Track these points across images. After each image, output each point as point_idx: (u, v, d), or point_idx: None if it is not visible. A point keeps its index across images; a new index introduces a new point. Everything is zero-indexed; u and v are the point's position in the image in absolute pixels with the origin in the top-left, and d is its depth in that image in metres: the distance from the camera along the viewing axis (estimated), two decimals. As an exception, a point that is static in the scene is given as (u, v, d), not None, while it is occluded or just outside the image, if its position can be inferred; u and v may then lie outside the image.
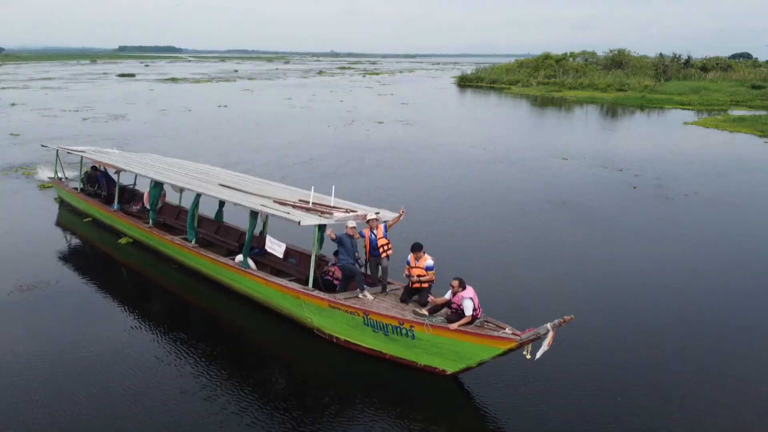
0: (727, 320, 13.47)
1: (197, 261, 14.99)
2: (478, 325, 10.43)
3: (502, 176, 28.18)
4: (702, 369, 11.44)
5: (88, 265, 16.61)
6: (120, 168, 18.01)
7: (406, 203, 22.87)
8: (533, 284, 15.20)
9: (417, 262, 11.64)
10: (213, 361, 11.40)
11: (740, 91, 73.15)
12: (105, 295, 14.34)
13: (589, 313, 13.32)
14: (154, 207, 16.96)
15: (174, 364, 11.22)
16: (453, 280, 10.61)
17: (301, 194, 14.73)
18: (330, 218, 12.53)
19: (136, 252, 17.08)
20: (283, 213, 12.71)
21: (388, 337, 11.10)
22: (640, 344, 12.24)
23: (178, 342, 12.13)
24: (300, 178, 26.34)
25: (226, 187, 15.45)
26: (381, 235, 12.39)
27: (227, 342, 12.40)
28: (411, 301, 11.60)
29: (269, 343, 12.67)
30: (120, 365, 11.00)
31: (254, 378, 10.95)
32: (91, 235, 18.78)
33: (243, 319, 13.49)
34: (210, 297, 14.44)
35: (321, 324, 12.10)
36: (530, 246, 18.19)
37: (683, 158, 33.43)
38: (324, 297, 11.82)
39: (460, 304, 10.47)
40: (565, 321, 9.52)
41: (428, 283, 11.58)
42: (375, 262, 12.56)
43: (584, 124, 50.62)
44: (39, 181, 24.72)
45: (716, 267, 16.84)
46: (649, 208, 22.82)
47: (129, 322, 12.90)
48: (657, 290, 15.06)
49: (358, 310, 11.33)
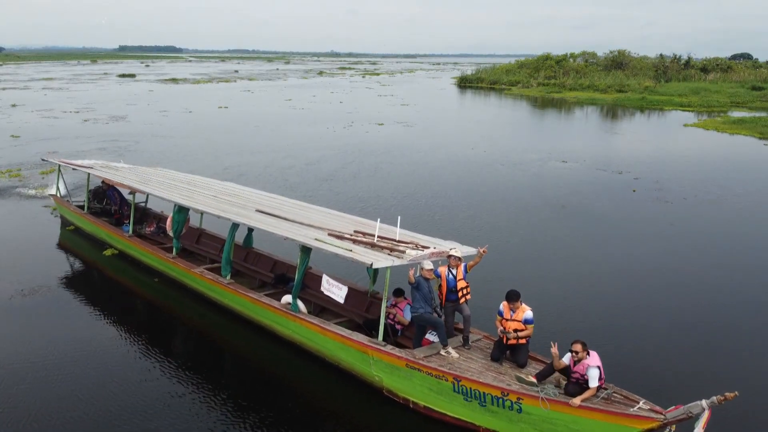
0: (736, 322, 13.51)
1: (233, 299, 12.94)
2: (604, 398, 8.69)
3: (502, 178, 28.19)
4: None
5: (96, 295, 14.46)
6: (135, 189, 15.89)
7: (406, 203, 23.08)
8: (534, 285, 15.22)
9: (513, 313, 9.92)
10: (260, 418, 9.73)
11: (740, 93, 73.17)
12: (125, 337, 12.33)
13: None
14: (178, 235, 14.64)
15: (213, 423, 9.61)
16: (575, 344, 8.92)
17: (350, 221, 12.96)
18: (403, 258, 10.54)
19: (155, 283, 14.96)
20: (344, 251, 10.72)
21: (485, 408, 9.30)
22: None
23: (214, 392, 10.42)
24: (301, 181, 26.41)
25: (265, 213, 13.44)
26: (461, 276, 10.63)
27: (275, 396, 10.40)
28: (505, 360, 9.93)
29: (327, 401, 10.60)
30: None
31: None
32: (100, 261, 16.63)
33: (292, 370, 11.40)
34: (249, 340, 12.40)
35: (394, 385, 10.19)
36: (530, 246, 18.22)
37: (683, 161, 33.45)
38: (401, 355, 9.92)
39: (585, 373, 8.79)
40: (726, 398, 7.57)
41: (526, 339, 9.90)
42: (452, 307, 10.71)
43: (584, 126, 50.62)
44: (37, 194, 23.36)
45: (717, 268, 16.88)
46: (649, 210, 22.84)
47: (156, 370, 11.04)
48: (664, 296, 15.08)
49: (446, 374, 9.46)
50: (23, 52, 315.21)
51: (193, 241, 16.69)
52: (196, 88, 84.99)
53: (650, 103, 65.91)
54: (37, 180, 25.64)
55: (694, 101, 66.60)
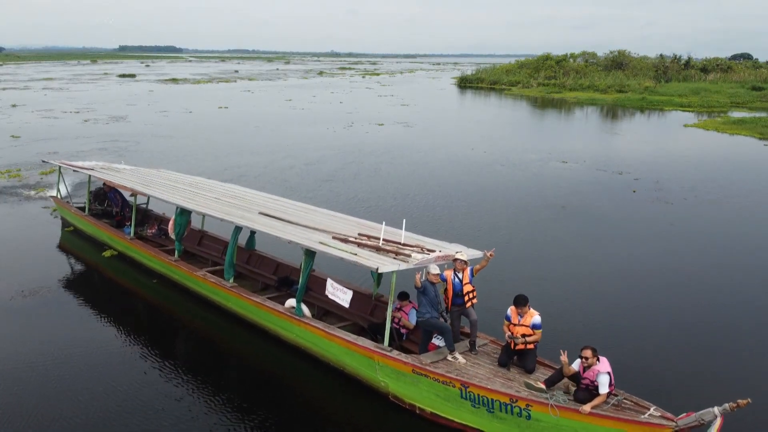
0: (736, 322, 13.52)
1: (236, 303, 12.87)
2: (615, 404, 8.56)
3: (502, 179, 28.19)
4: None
5: (98, 298, 14.33)
6: (137, 191, 15.78)
7: (406, 204, 23.07)
8: (534, 285, 15.21)
9: (521, 318, 9.80)
10: (263, 423, 9.65)
11: (740, 93, 73.18)
12: (127, 340, 12.19)
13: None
14: (180, 237, 14.54)
15: (216, 427, 9.53)
16: (584, 350, 8.81)
17: (355, 223, 12.89)
18: (409, 262, 10.37)
19: (157, 285, 14.93)
20: (349, 255, 10.56)
21: (492, 414, 9.21)
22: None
23: (216, 396, 10.30)
24: (301, 182, 26.42)
25: (268, 216, 13.29)
26: (467, 280, 10.54)
27: (279, 401, 10.30)
28: (512, 365, 9.83)
29: (332, 406, 10.52)
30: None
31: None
32: (101, 263, 16.55)
33: (296, 374, 11.31)
34: (252, 344, 12.29)
35: (399, 391, 10.09)
36: (530, 247, 18.22)
37: (683, 161, 33.45)
38: (407, 361, 9.82)
39: (594, 379, 8.67)
40: (739, 405, 7.52)
41: (534, 344, 9.80)
42: (457, 312, 10.58)
43: (584, 126, 50.63)
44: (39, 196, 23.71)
45: (717, 268, 16.88)
46: (649, 211, 22.84)
47: (158, 374, 10.91)
48: (664, 296, 15.08)
49: (454, 381, 9.37)
50: (23, 52, 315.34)
51: (195, 243, 16.57)
52: (196, 88, 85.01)
53: (650, 104, 65.93)
54: (38, 180, 25.65)
55: (694, 101, 66.61)
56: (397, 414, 10.05)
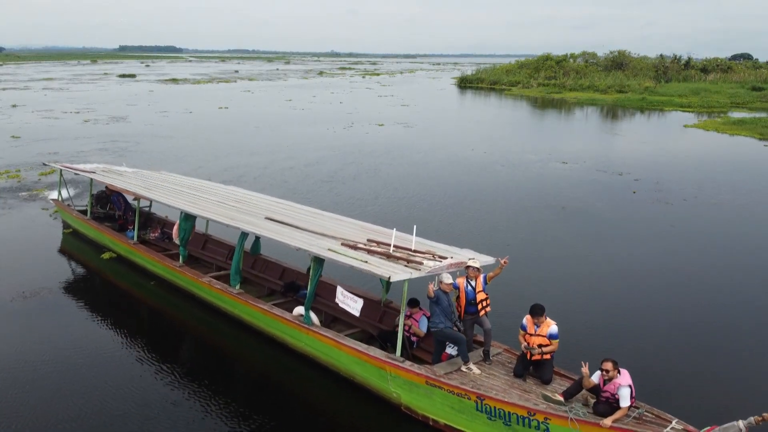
0: (736, 322, 13.52)
1: (243, 310, 12.57)
2: (636, 417, 8.42)
3: (502, 179, 28.20)
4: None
5: (100, 304, 14.06)
6: (140, 195, 15.50)
7: (406, 204, 23.09)
8: (534, 285, 15.23)
9: (537, 328, 9.56)
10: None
11: (740, 93, 73.19)
12: (128, 345, 12.05)
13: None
14: (185, 243, 14.26)
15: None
16: (605, 362, 8.61)
17: (363, 228, 12.60)
18: (421, 270, 10.09)
19: (159, 289, 14.73)
20: (360, 263, 10.27)
21: (509, 427, 8.98)
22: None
23: (222, 405, 10.11)
24: (301, 182, 26.42)
25: (275, 221, 12.96)
26: (480, 287, 10.32)
27: (286, 410, 10.10)
28: (528, 376, 9.61)
29: (342, 416, 10.28)
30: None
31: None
32: (103, 266, 16.40)
33: (304, 383, 11.05)
34: (259, 351, 12.06)
35: (413, 402, 9.84)
36: (530, 247, 18.22)
37: (683, 162, 33.46)
38: (420, 372, 9.57)
39: (615, 392, 8.51)
40: (764, 419, 7.38)
41: (550, 354, 9.57)
42: (471, 320, 10.35)
43: (584, 127, 50.63)
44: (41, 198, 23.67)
45: (717, 268, 16.89)
46: (649, 211, 22.84)
47: (160, 380, 10.77)
48: (664, 296, 15.09)
49: (469, 393, 9.12)
50: (23, 52, 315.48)
51: (199, 246, 16.32)
52: (196, 88, 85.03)
53: (650, 104, 65.92)
54: (38, 181, 25.65)
55: (694, 102, 66.62)
56: (409, 425, 9.83)
